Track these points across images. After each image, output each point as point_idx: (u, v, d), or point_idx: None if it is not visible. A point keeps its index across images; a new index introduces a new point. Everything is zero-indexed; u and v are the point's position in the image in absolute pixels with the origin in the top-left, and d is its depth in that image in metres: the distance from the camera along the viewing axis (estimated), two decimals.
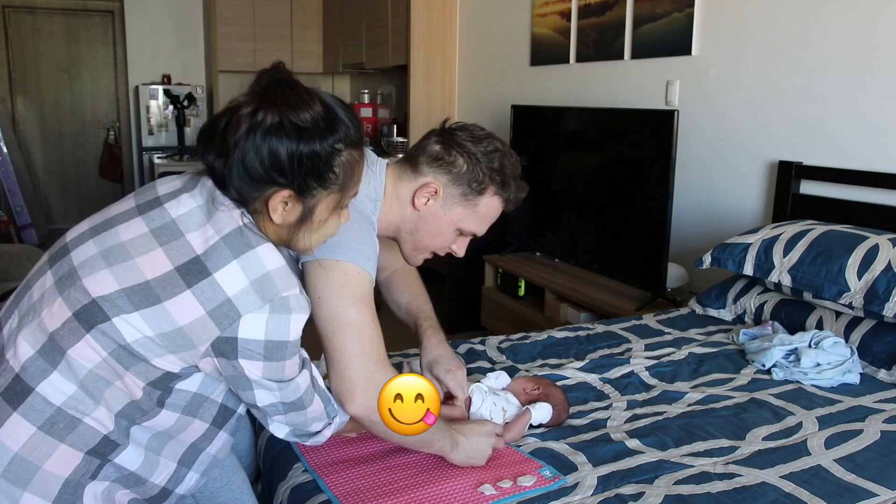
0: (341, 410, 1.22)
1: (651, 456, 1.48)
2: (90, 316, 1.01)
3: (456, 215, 1.43)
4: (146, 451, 1.09)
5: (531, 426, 1.63)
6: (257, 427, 1.64)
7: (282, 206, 1.06)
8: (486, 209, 1.46)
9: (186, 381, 1.08)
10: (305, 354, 1.16)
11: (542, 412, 1.60)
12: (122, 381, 1.02)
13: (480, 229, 1.48)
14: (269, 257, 1.04)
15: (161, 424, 1.09)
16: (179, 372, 1.05)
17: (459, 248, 1.52)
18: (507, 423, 1.55)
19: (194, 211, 1.06)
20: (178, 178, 1.13)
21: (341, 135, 1.06)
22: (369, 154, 1.40)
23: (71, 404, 1.01)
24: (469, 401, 1.56)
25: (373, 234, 1.35)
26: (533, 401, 1.63)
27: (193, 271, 1.01)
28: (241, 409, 1.22)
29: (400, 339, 1.74)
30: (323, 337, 1.24)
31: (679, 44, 3.05)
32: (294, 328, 1.06)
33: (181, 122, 5.96)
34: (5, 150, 5.91)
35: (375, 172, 1.41)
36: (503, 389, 1.67)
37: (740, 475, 1.41)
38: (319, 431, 1.21)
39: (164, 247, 1.03)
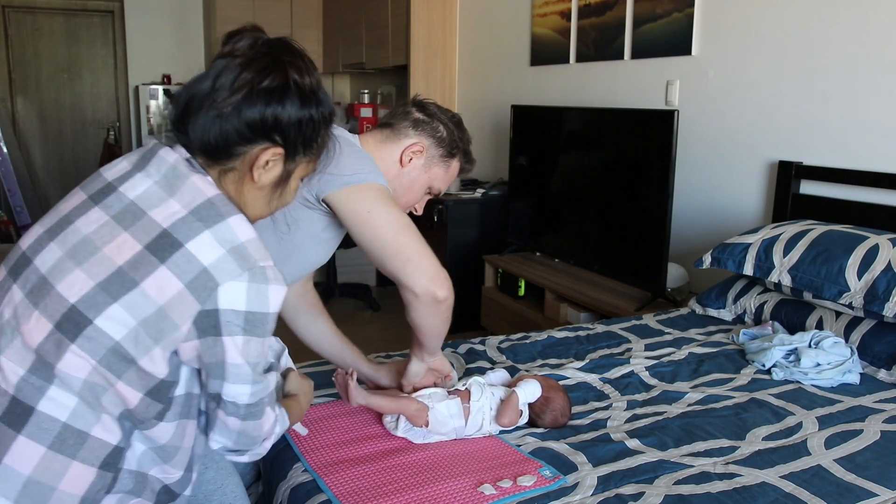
0: (283, 421, 1.18)
1: (651, 456, 1.48)
2: (72, 324, 0.97)
3: (433, 174, 1.60)
4: (152, 453, 1.08)
5: (530, 425, 1.63)
6: None
7: (265, 164, 1.07)
8: (453, 171, 1.64)
9: (178, 387, 1.06)
10: (272, 358, 1.16)
11: (529, 388, 1.60)
12: (115, 388, 0.99)
13: (444, 188, 1.66)
14: (241, 228, 1.03)
15: (160, 437, 1.07)
16: (167, 375, 1.02)
17: (421, 207, 1.68)
18: (497, 410, 1.58)
19: (152, 188, 1.03)
20: (124, 160, 1.11)
21: (328, 108, 1.11)
22: (338, 129, 1.52)
23: (75, 418, 0.98)
24: (468, 393, 1.58)
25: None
26: (534, 401, 1.63)
27: (164, 245, 0.98)
28: None
29: (400, 340, 1.75)
30: (382, 244, 1.36)
31: (679, 44, 3.05)
32: (273, 299, 1.03)
33: None
34: (5, 150, 5.92)
35: (352, 137, 1.57)
36: (503, 384, 1.68)
37: (740, 475, 1.41)
38: (260, 445, 1.15)
39: (129, 230, 1.00)
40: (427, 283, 1.36)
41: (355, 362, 1.71)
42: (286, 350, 1.40)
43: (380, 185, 1.41)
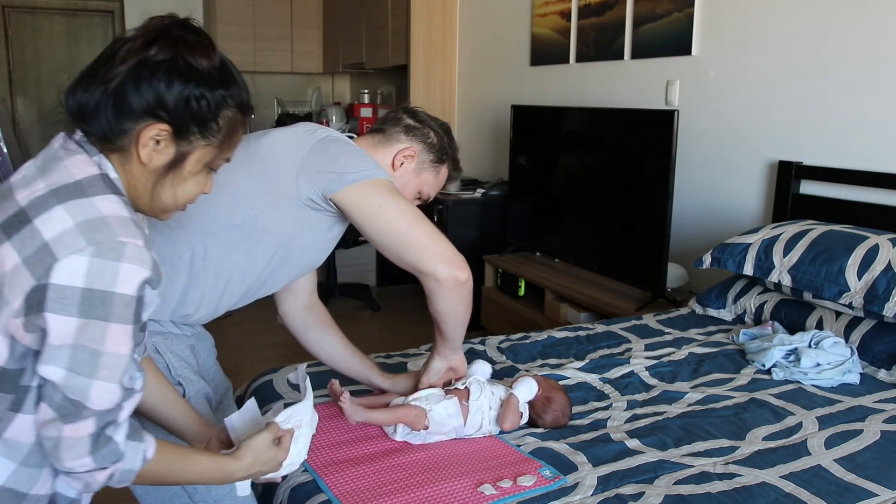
0: (132, 458, 0.97)
1: (651, 456, 1.49)
2: None
3: (423, 178, 1.61)
4: (19, 466, 0.97)
5: (530, 425, 1.63)
6: None
7: (153, 143, 0.98)
8: (442, 177, 1.65)
9: (33, 376, 0.96)
10: (139, 386, 0.99)
11: (525, 387, 1.60)
12: None
13: (434, 193, 1.67)
14: (108, 206, 0.93)
15: (23, 436, 0.97)
16: (7, 361, 0.93)
17: None
18: (499, 414, 1.58)
19: (30, 172, 0.98)
20: None
21: (233, 91, 1.03)
22: (335, 132, 1.51)
23: None
24: (467, 392, 1.58)
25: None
26: (535, 401, 1.63)
27: (14, 223, 0.91)
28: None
29: (400, 340, 1.75)
30: (397, 235, 1.37)
31: (679, 44, 3.05)
32: (125, 279, 0.89)
33: None
34: (5, 150, 5.90)
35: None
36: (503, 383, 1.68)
37: (740, 475, 1.41)
38: (86, 472, 0.94)
39: None
40: (447, 267, 1.38)
41: (368, 375, 1.70)
42: (308, 418, 1.20)
43: (386, 179, 1.42)
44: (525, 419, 1.62)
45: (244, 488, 1.20)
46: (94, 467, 0.94)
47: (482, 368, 1.70)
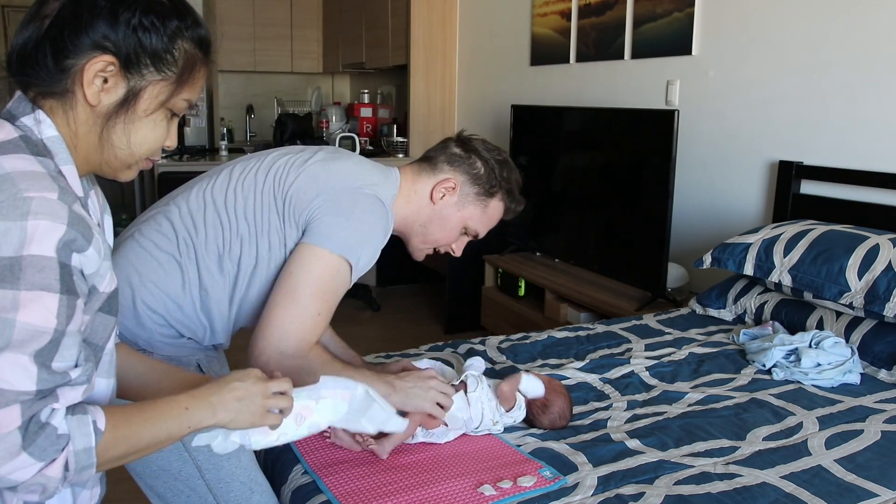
0: (83, 434, 0.82)
1: (651, 456, 1.48)
2: None
3: (467, 213, 1.54)
4: None
5: (530, 425, 1.63)
6: None
7: (100, 80, 0.88)
8: (493, 211, 1.57)
9: None
10: (78, 375, 0.85)
11: (532, 383, 1.57)
12: None
13: (483, 230, 1.59)
14: (15, 163, 0.82)
15: None
16: None
17: (458, 248, 1.62)
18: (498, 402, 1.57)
19: None
20: None
21: (188, 23, 0.93)
22: (378, 164, 1.49)
23: None
24: (465, 385, 1.56)
25: (384, 225, 1.43)
26: (533, 402, 1.63)
27: None
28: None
29: (400, 340, 1.74)
30: (287, 291, 1.33)
31: (679, 44, 3.05)
32: (34, 239, 0.78)
33: (181, 122, 5.95)
34: None
35: (390, 173, 1.52)
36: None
37: (741, 475, 1.41)
38: (33, 477, 0.79)
39: None
40: (277, 343, 1.34)
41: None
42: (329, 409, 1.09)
43: (347, 263, 1.36)
44: (522, 415, 1.61)
45: (215, 441, 0.99)
46: (38, 465, 0.79)
47: (476, 364, 1.67)
